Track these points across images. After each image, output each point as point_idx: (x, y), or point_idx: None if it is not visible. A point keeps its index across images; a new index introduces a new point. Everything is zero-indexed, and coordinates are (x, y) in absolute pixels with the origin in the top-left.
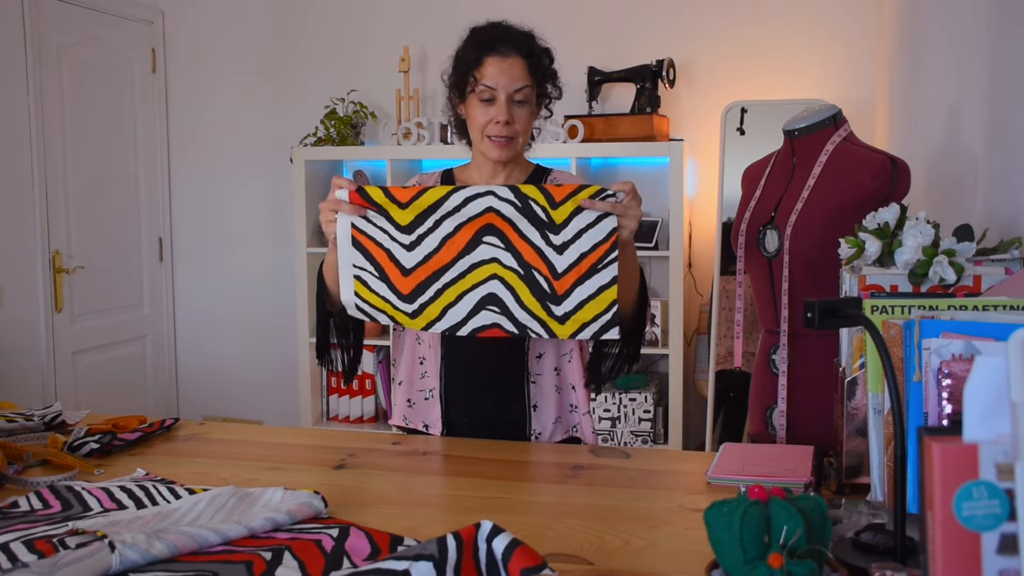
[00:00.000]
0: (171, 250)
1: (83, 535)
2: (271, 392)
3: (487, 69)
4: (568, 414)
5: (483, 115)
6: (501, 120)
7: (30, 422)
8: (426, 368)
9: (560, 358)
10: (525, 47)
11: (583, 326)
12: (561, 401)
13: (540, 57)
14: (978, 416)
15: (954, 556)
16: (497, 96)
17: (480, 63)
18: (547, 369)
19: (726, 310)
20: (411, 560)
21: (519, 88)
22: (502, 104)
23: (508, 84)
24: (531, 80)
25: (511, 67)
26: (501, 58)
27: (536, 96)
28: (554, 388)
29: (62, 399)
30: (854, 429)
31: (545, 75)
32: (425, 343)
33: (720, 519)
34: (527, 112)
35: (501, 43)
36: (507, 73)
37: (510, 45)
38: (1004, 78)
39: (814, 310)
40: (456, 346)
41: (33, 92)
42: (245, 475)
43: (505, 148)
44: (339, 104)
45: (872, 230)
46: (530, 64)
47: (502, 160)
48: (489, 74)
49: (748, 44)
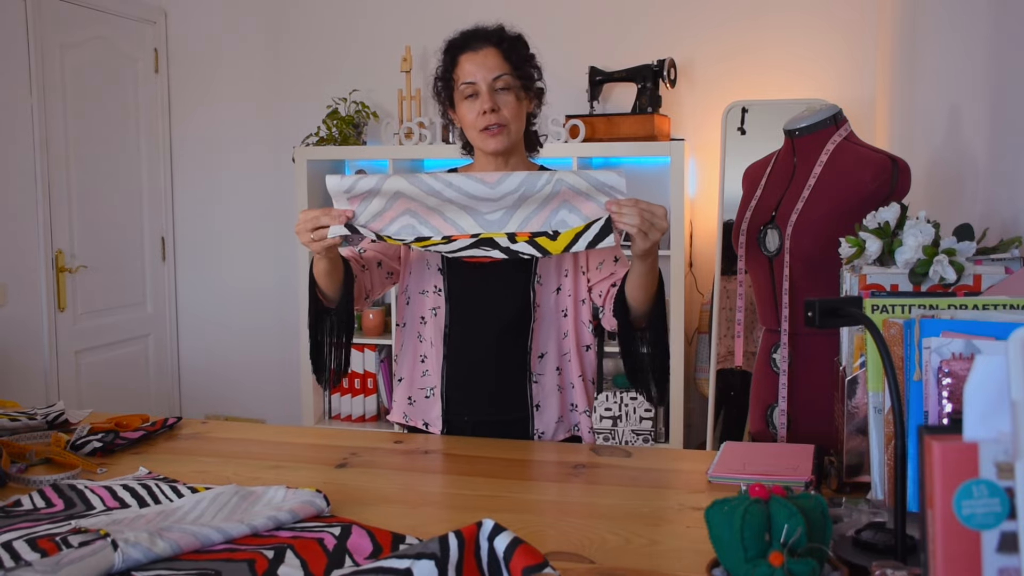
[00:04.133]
0: (173, 249)
1: (86, 533)
2: (273, 391)
3: (464, 67)
4: (569, 413)
5: (471, 111)
6: (487, 108)
7: (33, 421)
8: (427, 366)
9: (561, 357)
10: (495, 37)
11: (577, 236)
12: (563, 400)
13: (512, 43)
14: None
15: (954, 554)
16: (479, 88)
17: (456, 63)
18: (549, 368)
19: (727, 309)
20: (413, 559)
21: (498, 76)
22: (485, 95)
23: (486, 74)
24: (508, 66)
25: (485, 57)
26: (474, 52)
27: (520, 83)
28: (556, 387)
29: (65, 398)
30: (855, 428)
31: (521, 59)
32: (427, 341)
33: (721, 517)
34: (512, 99)
35: (472, 40)
36: (483, 64)
37: (480, 39)
38: (1004, 78)
39: (815, 309)
40: (458, 345)
41: (36, 92)
42: (247, 474)
43: (498, 136)
44: (341, 104)
45: (872, 229)
46: (503, 51)
47: (499, 149)
48: (467, 70)
49: (749, 44)
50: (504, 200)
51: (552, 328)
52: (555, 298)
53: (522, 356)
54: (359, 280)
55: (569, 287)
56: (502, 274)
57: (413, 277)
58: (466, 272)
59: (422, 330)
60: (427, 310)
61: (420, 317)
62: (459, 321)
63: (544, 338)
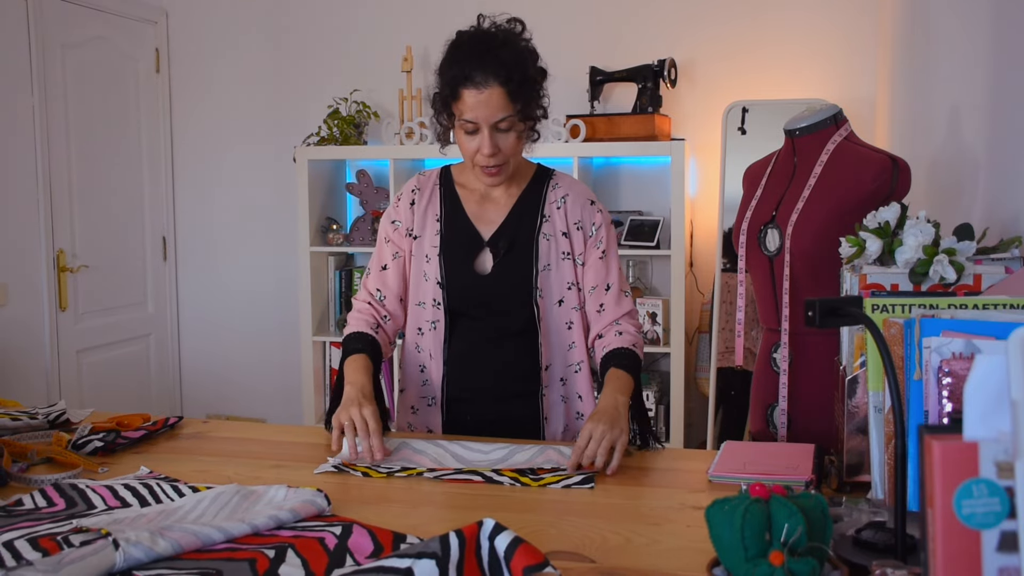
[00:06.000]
0: (175, 249)
1: (87, 533)
2: (274, 390)
3: (466, 102)
4: (575, 422)
5: (469, 144)
6: (486, 152)
7: (34, 420)
8: (427, 376)
9: (566, 368)
10: (503, 72)
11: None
12: (568, 411)
13: (519, 81)
14: (978, 414)
15: (954, 554)
16: (480, 128)
17: (457, 97)
18: (554, 381)
19: (727, 303)
20: (414, 558)
21: (500, 119)
22: (485, 137)
23: (488, 116)
24: (512, 108)
25: (489, 98)
26: (478, 91)
27: (524, 124)
28: (560, 399)
29: (66, 397)
30: (855, 427)
31: (528, 98)
32: (426, 352)
33: (721, 517)
34: (513, 137)
35: (477, 71)
36: (485, 105)
37: (487, 72)
38: (1004, 78)
39: (815, 309)
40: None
41: (37, 92)
42: (248, 473)
43: (496, 176)
44: (342, 104)
45: (873, 229)
46: (509, 91)
47: (496, 185)
48: (468, 107)
49: (749, 44)
50: (492, 456)
51: (557, 340)
52: (557, 310)
53: (527, 370)
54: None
55: (573, 300)
56: (502, 287)
57: (411, 290)
58: (465, 287)
59: (420, 341)
60: (424, 322)
61: (417, 329)
62: (459, 335)
63: (548, 351)
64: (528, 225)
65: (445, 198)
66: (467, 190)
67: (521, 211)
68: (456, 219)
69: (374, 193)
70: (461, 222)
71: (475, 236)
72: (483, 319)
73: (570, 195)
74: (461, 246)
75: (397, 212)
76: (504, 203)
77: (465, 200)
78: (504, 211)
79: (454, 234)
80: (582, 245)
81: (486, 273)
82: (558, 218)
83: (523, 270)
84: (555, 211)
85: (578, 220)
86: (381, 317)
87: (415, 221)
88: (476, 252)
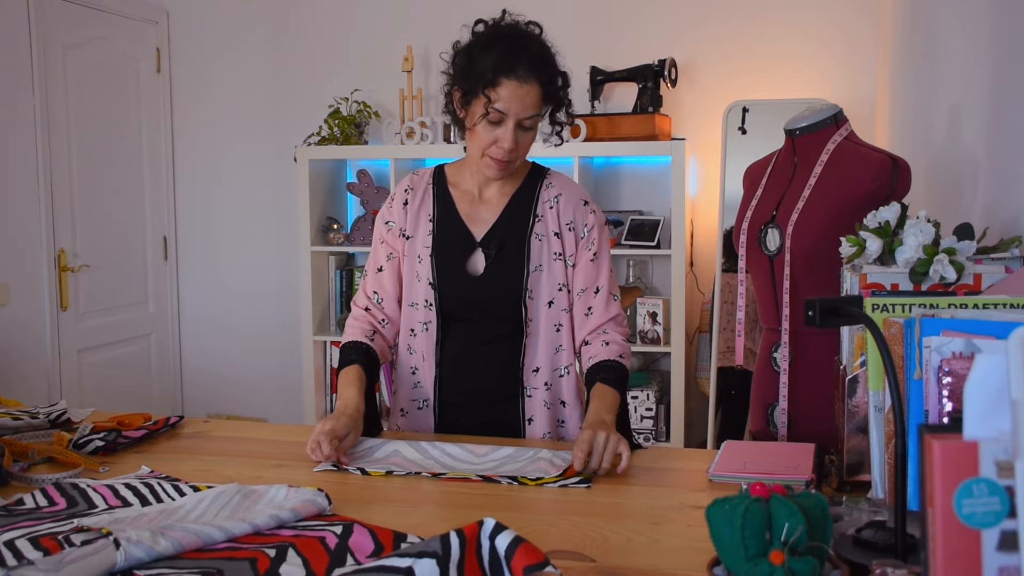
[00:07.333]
0: (175, 249)
1: (88, 532)
2: (275, 390)
3: (502, 91)
4: (557, 428)
5: (487, 135)
6: (506, 146)
7: (35, 420)
8: (419, 378)
9: (552, 372)
10: (545, 73)
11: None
12: (551, 416)
13: (556, 84)
14: (978, 414)
15: (954, 553)
16: (506, 121)
17: (496, 84)
18: (540, 383)
19: (728, 303)
20: (414, 557)
21: (530, 116)
22: (509, 130)
23: (520, 111)
24: (542, 108)
25: (527, 94)
26: (519, 83)
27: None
28: (543, 404)
29: (67, 397)
30: (855, 427)
31: (559, 102)
32: (419, 354)
33: (722, 516)
34: (531, 137)
35: (522, 65)
36: (522, 100)
37: (530, 69)
38: (1004, 77)
39: (815, 308)
40: (450, 360)
41: (38, 92)
42: (249, 472)
43: (504, 170)
44: (343, 103)
45: (873, 229)
46: (545, 92)
47: (500, 179)
48: (504, 97)
49: (750, 44)
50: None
51: (545, 342)
52: (546, 312)
53: (514, 370)
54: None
55: (563, 302)
56: (493, 289)
57: (404, 291)
58: (457, 288)
59: (412, 342)
60: (416, 323)
61: (410, 330)
62: (452, 337)
63: (536, 353)
64: (520, 225)
65: (438, 198)
66: (460, 191)
67: (513, 211)
68: (448, 219)
69: (375, 193)
70: (453, 222)
71: (467, 237)
72: (475, 321)
73: (563, 195)
74: (453, 247)
75: (391, 212)
76: (497, 203)
77: (458, 200)
78: (497, 211)
79: (446, 234)
80: (573, 246)
81: (478, 274)
82: (550, 218)
83: (515, 272)
84: (548, 211)
85: (570, 221)
86: (379, 321)
87: (408, 221)
88: (468, 253)
